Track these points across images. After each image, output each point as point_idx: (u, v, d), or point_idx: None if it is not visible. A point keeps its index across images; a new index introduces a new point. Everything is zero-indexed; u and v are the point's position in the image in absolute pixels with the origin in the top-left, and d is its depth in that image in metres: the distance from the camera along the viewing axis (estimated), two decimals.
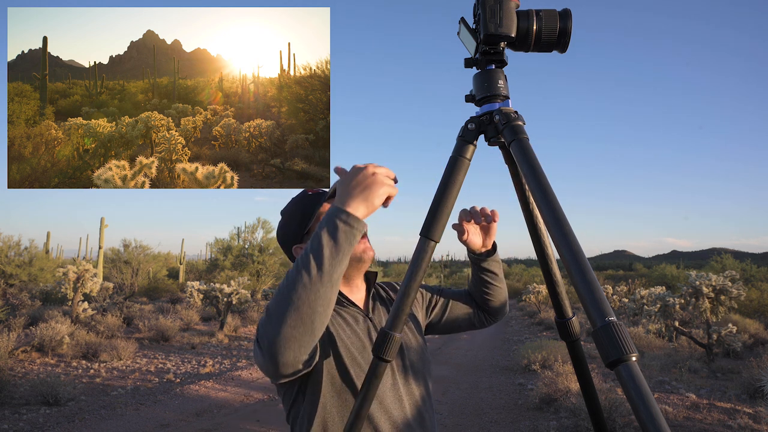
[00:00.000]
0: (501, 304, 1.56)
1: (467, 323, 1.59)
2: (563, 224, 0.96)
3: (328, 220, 1.01)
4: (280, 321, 0.98)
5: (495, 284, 1.51)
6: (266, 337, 1.00)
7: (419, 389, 1.35)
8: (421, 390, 1.35)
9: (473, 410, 6.37)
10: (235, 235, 21.20)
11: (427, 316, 1.55)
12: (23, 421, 5.49)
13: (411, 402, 1.31)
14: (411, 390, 1.33)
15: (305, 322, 0.97)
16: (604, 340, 0.83)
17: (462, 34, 1.27)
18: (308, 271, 0.97)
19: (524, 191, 1.23)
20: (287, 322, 0.97)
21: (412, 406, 1.31)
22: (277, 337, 0.98)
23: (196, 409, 6.23)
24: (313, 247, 0.99)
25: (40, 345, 8.59)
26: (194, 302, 13.33)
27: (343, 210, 1.01)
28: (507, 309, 1.61)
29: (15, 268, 15.71)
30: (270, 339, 0.99)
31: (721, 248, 63.83)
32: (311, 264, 0.98)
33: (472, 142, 1.18)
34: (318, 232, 1.01)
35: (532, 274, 34.40)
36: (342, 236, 0.99)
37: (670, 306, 9.39)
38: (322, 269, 0.97)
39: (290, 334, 0.98)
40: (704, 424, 5.55)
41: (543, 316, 16.26)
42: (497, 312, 1.58)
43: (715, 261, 24.07)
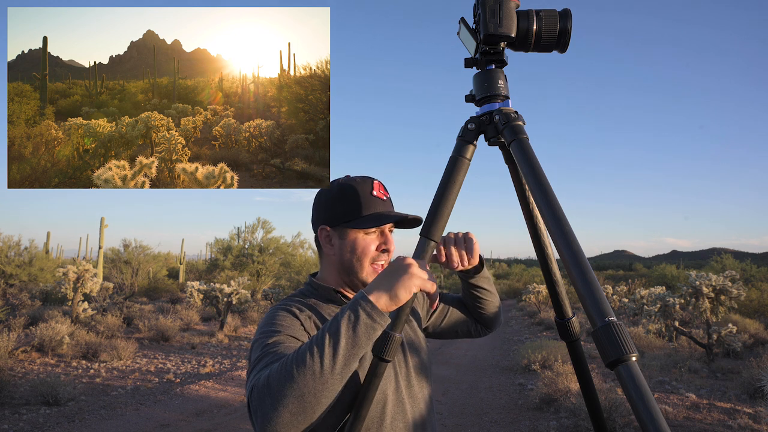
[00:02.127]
0: (494, 315, 1.54)
1: (464, 331, 1.57)
2: (563, 224, 0.96)
3: (351, 308, 0.97)
4: (280, 402, 0.92)
5: (486, 298, 1.49)
6: (262, 413, 0.94)
7: (422, 391, 1.33)
8: (423, 392, 1.33)
9: (473, 410, 6.37)
10: (235, 235, 21.20)
11: (427, 318, 1.53)
12: (23, 421, 5.49)
13: (414, 406, 1.29)
14: (413, 393, 1.31)
15: (306, 411, 0.92)
16: (604, 340, 0.83)
17: (462, 34, 1.27)
18: (321, 359, 0.92)
19: (524, 191, 1.23)
20: (287, 407, 0.92)
21: (415, 411, 1.28)
22: (273, 420, 0.92)
23: (196, 409, 6.23)
24: (332, 332, 0.94)
25: (40, 345, 8.59)
26: (194, 302, 13.33)
27: (368, 300, 0.97)
28: (501, 319, 1.59)
29: (15, 268, 15.71)
30: (266, 417, 0.93)
31: (721, 248, 63.84)
32: (326, 352, 0.92)
33: (472, 142, 1.18)
34: (339, 318, 0.96)
35: (532, 274, 34.39)
36: (362, 329, 0.95)
37: (670, 306, 9.39)
38: (335, 361, 0.93)
39: (288, 420, 0.92)
40: (704, 424, 5.55)
41: (543, 316, 16.25)
42: (491, 322, 1.56)
43: (715, 261, 24.06)
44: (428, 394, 1.35)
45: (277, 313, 1.21)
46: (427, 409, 1.32)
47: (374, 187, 1.30)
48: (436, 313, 1.54)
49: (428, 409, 1.33)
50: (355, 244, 1.27)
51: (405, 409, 1.26)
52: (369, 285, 1.02)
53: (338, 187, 1.31)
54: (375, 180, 1.33)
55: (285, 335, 1.12)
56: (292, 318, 1.19)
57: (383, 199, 1.31)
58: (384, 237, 1.30)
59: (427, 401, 1.34)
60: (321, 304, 1.29)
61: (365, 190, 1.29)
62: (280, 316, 1.19)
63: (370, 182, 1.31)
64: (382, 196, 1.31)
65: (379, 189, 1.31)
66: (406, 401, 1.27)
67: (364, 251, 1.27)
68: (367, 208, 1.27)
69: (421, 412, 1.30)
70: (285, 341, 1.10)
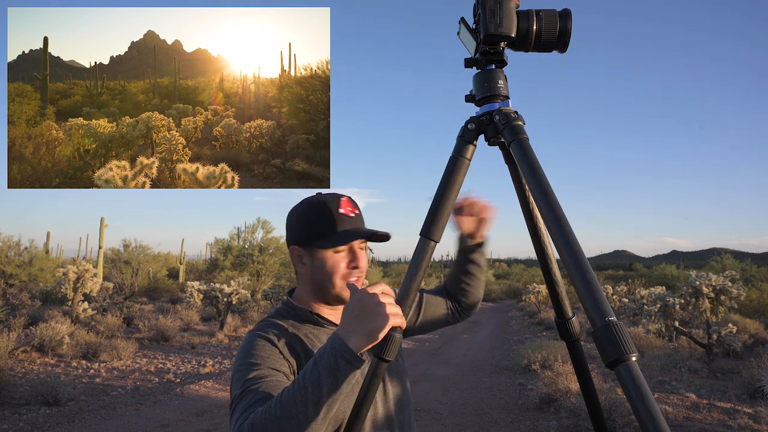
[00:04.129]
0: (477, 299, 1.59)
1: (442, 320, 1.59)
2: (563, 224, 0.96)
3: (330, 355, 0.99)
4: None
5: (478, 276, 1.53)
6: None
7: (399, 387, 1.38)
8: (400, 388, 1.38)
9: (473, 410, 6.37)
10: (235, 235, 21.20)
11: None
12: (23, 421, 5.49)
13: (394, 400, 1.34)
14: (394, 388, 1.36)
15: None
16: (604, 340, 0.83)
17: (462, 34, 1.28)
18: (306, 408, 0.97)
19: (524, 191, 1.23)
20: None
21: (394, 405, 1.33)
22: None
23: (196, 409, 6.23)
24: (313, 383, 0.98)
25: (40, 345, 8.59)
26: (194, 302, 13.33)
27: (346, 347, 0.99)
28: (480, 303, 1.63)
29: (15, 268, 15.71)
30: None
31: (721, 248, 63.83)
32: (309, 401, 0.97)
33: (472, 142, 1.18)
34: (318, 364, 0.99)
35: (532, 274, 34.40)
36: (341, 374, 0.98)
37: (670, 306, 9.39)
38: (318, 410, 0.97)
39: None
40: (704, 424, 5.55)
41: (543, 316, 16.25)
42: (471, 306, 1.60)
43: (715, 261, 24.05)
44: (401, 393, 1.38)
45: (255, 342, 1.22)
46: (399, 409, 1.35)
47: (341, 205, 1.31)
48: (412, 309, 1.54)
49: (405, 406, 1.37)
50: (324, 263, 1.28)
51: (377, 410, 1.29)
52: (344, 327, 1.02)
53: (307, 206, 1.32)
54: (343, 197, 1.33)
55: (265, 368, 1.15)
56: (270, 347, 1.21)
57: (351, 216, 1.30)
58: (353, 254, 1.30)
59: (404, 398, 1.37)
60: (298, 324, 1.31)
61: (333, 208, 1.30)
62: (258, 345, 1.21)
63: (338, 199, 1.31)
64: (350, 213, 1.31)
65: (346, 206, 1.31)
66: (379, 402, 1.30)
67: (334, 270, 1.28)
68: (335, 227, 1.28)
69: (401, 408, 1.35)
70: (266, 375, 1.13)
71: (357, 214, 1.33)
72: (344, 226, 1.29)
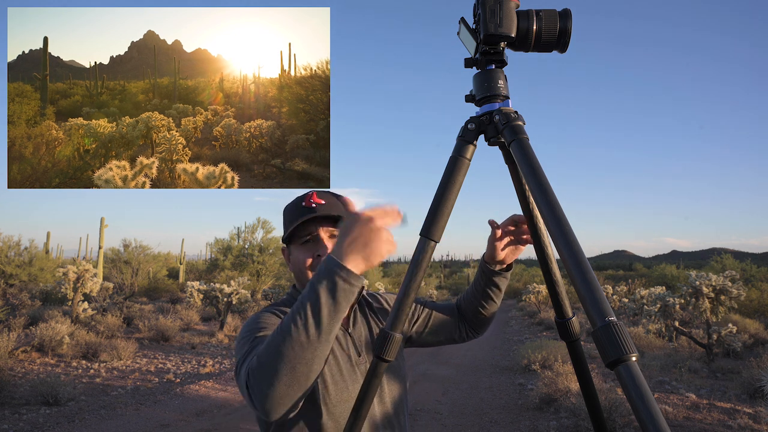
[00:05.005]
0: (491, 316, 1.55)
1: (447, 337, 1.56)
2: (563, 224, 0.96)
3: (327, 276, 0.96)
4: (274, 377, 0.95)
5: (496, 301, 1.50)
6: (258, 390, 0.97)
7: (397, 389, 1.38)
8: (398, 390, 1.38)
9: (473, 410, 6.37)
10: (235, 235, 21.20)
11: (410, 327, 1.53)
12: (23, 421, 5.49)
13: (391, 401, 1.35)
14: (391, 389, 1.37)
15: (300, 380, 0.96)
16: (604, 340, 0.83)
17: (462, 34, 1.28)
18: (306, 329, 0.94)
19: (524, 191, 1.23)
20: (282, 380, 0.95)
21: (391, 405, 1.35)
22: (271, 394, 0.95)
23: (196, 409, 6.23)
24: (312, 303, 0.95)
25: (40, 345, 8.59)
26: (194, 302, 13.33)
27: (342, 266, 0.96)
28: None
29: (15, 268, 15.72)
30: (263, 394, 0.96)
31: (721, 248, 63.81)
32: (309, 322, 0.94)
33: (472, 142, 1.18)
34: (316, 286, 0.96)
35: (532, 274, 34.39)
36: (341, 294, 0.95)
37: (670, 306, 9.39)
38: (320, 328, 0.94)
39: (285, 392, 0.96)
40: (704, 424, 5.56)
41: (543, 316, 16.25)
42: (483, 325, 1.56)
43: (715, 261, 24.05)
44: (403, 392, 1.40)
45: (261, 315, 1.27)
46: (394, 410, 1.36)
47: (306, 198, 1.34)
48: (419, 321, 1.53)
49: (396, 410, 1.37)
50: (295, 257, 1.33)
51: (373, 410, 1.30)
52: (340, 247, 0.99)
53: (286, 207, 1.38)
54: (314, 191, 1.36)
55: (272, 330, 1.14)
56: (276, 318, 1.25)
57: (312, 206, 1.32)
58: (316, 244, 1.32)
59: (396, 402, 1.37)
60: None
61: (298, 204, 1.34)
62: (264, 316, 1.25)
63: (306, 194, 1.36)
64: (310, 204, 1.33)
65: (309, 198, 1.34)
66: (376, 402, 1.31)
67: (302, 263, 1.31)
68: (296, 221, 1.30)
69: (396, 409, 1.36)
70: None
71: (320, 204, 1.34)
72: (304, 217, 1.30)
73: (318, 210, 1.31)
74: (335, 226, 1.32)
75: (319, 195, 1.36)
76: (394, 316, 1.09)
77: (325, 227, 1.32)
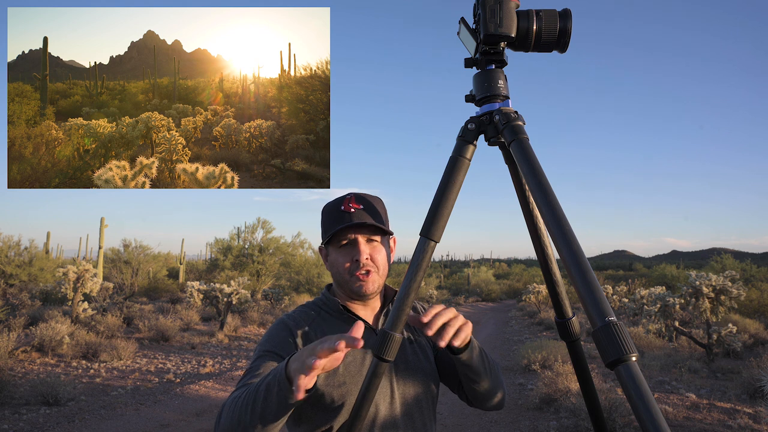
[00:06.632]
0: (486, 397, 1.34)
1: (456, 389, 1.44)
2: (563, 224, 0.96)
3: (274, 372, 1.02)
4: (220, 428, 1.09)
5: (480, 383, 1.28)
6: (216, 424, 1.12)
7: (416, 389, 1.34)
8: (417, 390, 1.34)
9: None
10: (235, 235, 21.20)
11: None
12: (23, 421, 5.49)
13: (402, 400, 1.31)
14: (406, 388, 1.32)
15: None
16: (604, 340, 0.83)
17: (462, 34, 1.28)
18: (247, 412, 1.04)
19: (524, 191, 1.23)
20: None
21: (402, 404, 1.31)
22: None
23: (196, 409, 6.23)
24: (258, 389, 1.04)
25: (40, 345, 8.59)
26: (194, 302, 13.33)
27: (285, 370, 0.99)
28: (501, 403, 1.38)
29: (15, 268, 15.72)
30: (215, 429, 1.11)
31: (721, 248, 63.77)
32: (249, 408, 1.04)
33: (472, 142, 1.18)
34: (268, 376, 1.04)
35: (532, 274, 34.40)
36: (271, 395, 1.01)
37: (670, 306, 9.39)
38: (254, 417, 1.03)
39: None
40: (704, 424, 5.56)
41: (543, 316, 16.25)
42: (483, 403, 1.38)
43: (715, 261, 24.04)
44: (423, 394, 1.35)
45: (275, 325, 1.33)
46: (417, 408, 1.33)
47: (344, 202, 1.34)
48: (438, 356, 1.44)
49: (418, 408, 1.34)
50: (334, 260, 1.35)
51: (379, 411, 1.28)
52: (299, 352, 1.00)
53: (323, 208, 1.39)
54: (352, 194, 1.37)
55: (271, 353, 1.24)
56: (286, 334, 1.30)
57: (351, 211, 1.32)
58: (354, 248, 1.32)
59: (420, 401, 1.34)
60: (327, 317, 1.37)
61: (337, 207, 1.34)
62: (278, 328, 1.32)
63: (345, 198, 1.36)
64: (350, 208, 1.33)
65: (348, 203, 1.34)
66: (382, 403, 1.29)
67: (341, 266, 1.33)
68: (335, 224, 1.31)
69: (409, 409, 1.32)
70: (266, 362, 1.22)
71: (358, 208, 1.34)
72: (343, 222, 1.31)
73: (354, 217, 1.32)
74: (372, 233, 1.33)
75: (356, 199, 1.36)
76: (393, 316, 1.09)
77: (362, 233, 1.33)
